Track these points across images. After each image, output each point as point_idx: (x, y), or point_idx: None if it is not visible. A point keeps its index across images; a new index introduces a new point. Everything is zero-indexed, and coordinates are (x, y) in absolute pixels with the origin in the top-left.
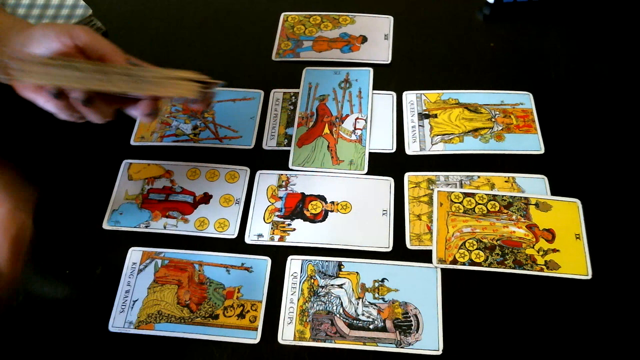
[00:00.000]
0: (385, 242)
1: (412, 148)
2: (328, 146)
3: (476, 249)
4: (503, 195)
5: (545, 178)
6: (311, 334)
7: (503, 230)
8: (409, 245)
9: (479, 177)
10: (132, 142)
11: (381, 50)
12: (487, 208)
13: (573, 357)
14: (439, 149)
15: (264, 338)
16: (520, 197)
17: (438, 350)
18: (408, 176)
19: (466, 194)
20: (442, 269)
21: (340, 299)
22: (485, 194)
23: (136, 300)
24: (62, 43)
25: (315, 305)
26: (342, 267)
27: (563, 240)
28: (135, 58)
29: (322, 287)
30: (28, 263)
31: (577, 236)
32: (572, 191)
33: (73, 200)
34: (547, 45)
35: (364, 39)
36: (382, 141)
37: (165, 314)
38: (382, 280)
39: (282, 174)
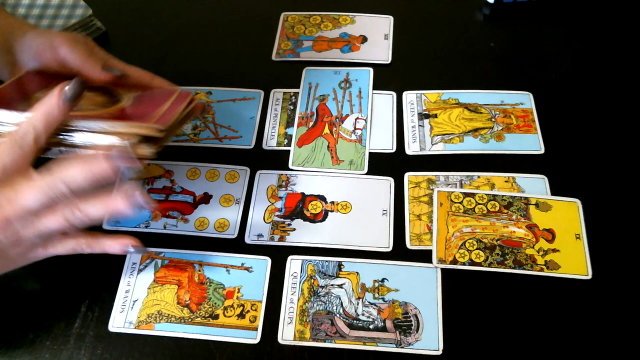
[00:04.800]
0: (385, 242)
1: (412, 148)
2: (328, 146)
3: (476, 249)
4: (503, 195)
5: (545, 178)
6: (311, 334)
7: (503, 230)
8: (409, 245)
9: (479, 177)
10: None
11: (381, 50)
12: (487, 208)
13: (573, 357)
14: (439, 149)
15: (264, 338)
16: (520, 197)
17: (438, 350)
18: (408, 176)
19: (466, 194)
20: (442, 269)
21: (340, 299)
22: (485, 194)
23: (136, 300)
24: (44, 59)
25: (315, 305)
26: (342, 267)
27: (563, 240)
28: (118, 63)
29: (322, 287)
30: None
31: (577, 236)
32: (572, 191)
33: None
34: (547, 45)
35: (364, 39)
36: (382, 141)
37: (165, 314)
38: (382, 280)
39: (282, 174)
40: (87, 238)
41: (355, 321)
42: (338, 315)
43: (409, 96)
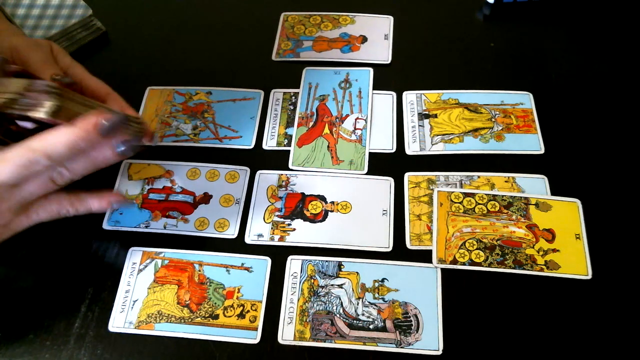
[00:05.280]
0: (385, 242)
1: (412, 148)
2: (328, 146)
3: (476, 249)
4: (503, 195)
5: (545, 178)
6: (311, 334)
7: (503, 230)
8: (409, 245)
9: (479, 177)
10: None
11: (381, 50)
12: (487, 208)
13: (573, 357)
14: (439, 149)
15: (264, 338)
16: (520, 197)
17: (438, 350)
18: (408, 176)
19: (466, 194)
20: (442, 269)
21: (340, 299)
22: (485, 194)
23: (136, 300)
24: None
25: (315, 305)
26: (342, 267)
27: (563, 240)
28: (81, 71)
29: (322, 287)
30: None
31: (577, 236)
32: (572, 191)
33: None
34: (547, 45)
35: (364, 39)
36: (382, 141)
37: (165, 314)
38: (382, 280)
39: (282, 174)
40: (70, 199)
41: (355, 321)
42: (338, 315)
43: (409, 96)
